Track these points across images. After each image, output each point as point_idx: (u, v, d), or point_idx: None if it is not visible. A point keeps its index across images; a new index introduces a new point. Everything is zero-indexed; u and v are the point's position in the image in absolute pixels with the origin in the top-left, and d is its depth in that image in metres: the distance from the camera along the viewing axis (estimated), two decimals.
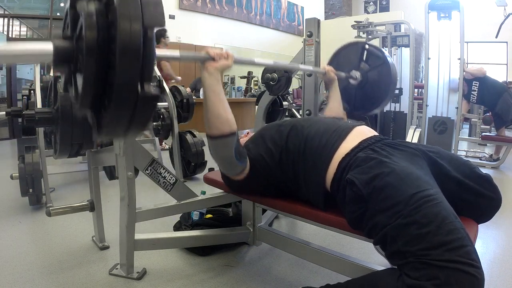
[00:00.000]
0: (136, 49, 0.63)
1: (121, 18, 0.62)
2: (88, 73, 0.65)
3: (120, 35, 0.62)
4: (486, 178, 1.08)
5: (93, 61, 0.64)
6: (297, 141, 1.17)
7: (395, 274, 0.84)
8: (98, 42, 0.64)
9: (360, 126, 1.21)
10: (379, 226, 0.89)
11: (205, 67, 1.06)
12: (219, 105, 1.07)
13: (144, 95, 0.67)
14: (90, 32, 0.63)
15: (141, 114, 0.70)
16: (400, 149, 1.07)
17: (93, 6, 0.66)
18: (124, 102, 0.66)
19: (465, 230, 0.82)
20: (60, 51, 0.68)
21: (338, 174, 1.05)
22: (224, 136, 1.08)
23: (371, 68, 1.88)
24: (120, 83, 0.64)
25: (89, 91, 0.67)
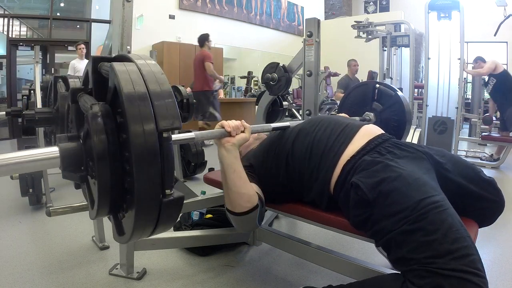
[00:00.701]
0: (152, 154, 0.57)
1: (132, 122, 0.56)
2: (102, 181, 0.59)
3: (133, 139, 0.56)
4: (490, 182, 1.07)
5: (106, 168, 0.59)
6: (303, 145, 1.15)
7: (399, 280, 0.83)
8: (109, 146, 0.59)
9: (368, 125, 1.19)
10: (384, 231, 0.88)
11: (221, 144, 1.01)
12: (240, 184, 1.03)
13: (167, 201, 0.61)
14: (99, 136, 0.58)
15: (166, 219, 0.64)
16: (407, 150, 1.05)
17: (98, 107, 0.61)
18: (146, 211, 0.60)
19: (471, 238, 0.82)
20: (68, 156, 0.62)
21: (342, 176, 1.04)
22: (248, 212, 1.04)
23: (384, 108, 1.84)
24: (140, 191, 0.58)
25: (106, 200, 0.62)
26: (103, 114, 0.60)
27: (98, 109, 0.61)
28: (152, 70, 0.63)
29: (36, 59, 2.59)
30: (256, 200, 1.05)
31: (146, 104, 0.58)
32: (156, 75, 0.63)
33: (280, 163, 1.17)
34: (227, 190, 1.05)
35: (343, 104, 2.00)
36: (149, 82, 0.61)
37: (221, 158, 1.03)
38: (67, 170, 0.64)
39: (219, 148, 1.02)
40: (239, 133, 1.03)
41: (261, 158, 1.22)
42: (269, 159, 1.19)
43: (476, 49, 9.50)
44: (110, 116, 0.61)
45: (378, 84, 1.92)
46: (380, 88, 1.89)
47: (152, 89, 0.60)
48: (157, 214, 0.62)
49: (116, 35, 1.38)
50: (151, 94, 0.59)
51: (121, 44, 1.37)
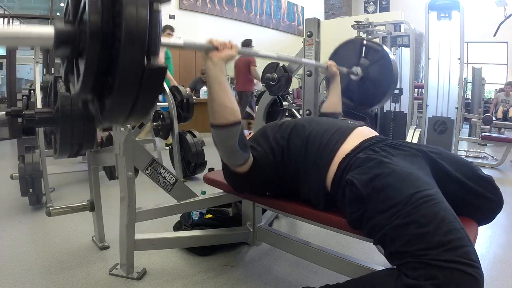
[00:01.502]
0: (142, 21, 0.61)
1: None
2: (92, 53, 0.63)
3: (126, 8, 0.60)
4: (487, 180, 1.07)
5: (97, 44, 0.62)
6: (298, 141, 1.17)
7: (394, 274, 0.84)
8: (102, 19, 0.62)
9: (361, 127, 1.21)
10: (378, 227, 0.89)
11: (209, 57, 1.05)
12: (224, 95, 1.07)
13: (150, 67, 0.64)
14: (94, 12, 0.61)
15: (148, 90, 0.67)
16: (401, 149, 1.07)
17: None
18: (130, 76, 0.64)
19: (465, 230, 0.82)
20: (62, 34, 0.66)
21: (338, 174, 1.05)
22: (230, 125, 1.07)
23: (371, 63, 1.89)
24: (126, 56, 0.62)
25: (92, 71, 0.65)
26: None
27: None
28: None
29: (36, 59, 2.59)
30: (239, 115, 1.09)
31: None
32: None
33: (276, 154, 1.19)
34: (211, 102, 1.08)
35: (331, 59, 2.02)
36: None
37: (207, 71, 1.07)
38: (59, 48, 0.67)
39: (206, 61, 1.06)
40: (226, 50, 1.06)
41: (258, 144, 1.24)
42: (267, 148, 1.21)
43: (476, 49, 9.53)
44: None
45: (366, 40, 1.99)
46: (368, 44, 1.95)
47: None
48: (140, 81, 0.65)
49: None
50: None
51: None
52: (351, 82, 1.95)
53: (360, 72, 1.89)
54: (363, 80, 1.92)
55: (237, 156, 1.14)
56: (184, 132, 3.01)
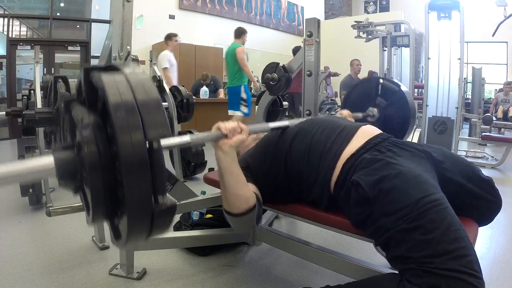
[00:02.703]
0: (141, 164, 0.58)
1: (120, 133, 0.57)
2: (95, 191, 0.60)
3: (122, 151, 0.56)
4: (488, 182, 1.07)
5: (98, 178, 0.59)
6: (301, 145, 1.14)
7: (396, 279, 0.84)
8: (100, 158, 0.59)
9: (366, 126, 1.19)
10: (383, 229, 0.88)
11: (218, 146, 0.99)
12: (237, 186, 1.02)
13: (159, 210, 0.61)
14: (89, 147, 0.59)
15: (159, 225, 0.64)
16: (406, 149, 1.05)
17: (87, 116, 0.62)
18: (138, 220, 0.61)
19: (469, 238, 0.82)
20: (62, 166, 0.63)
21: (343, 175, 1.04)
22: (244, 214, 1.03)
23: (388, 104, 1.81)
24: (131, 202, 0.58)
25: (99, 208, 0.63)
26: (93, 126, 0.61)
27: (88, 121, 0.61)
28: (140, 79, 0.64)
29: (36, 59, 2.59)
30: (253, 201, 1.05)
31: (134, 114, 0.59)
32: (144, 84, 0.63)
33: (278, 163, 1.17)
34: (224, 191, 1.04)
35: (346, 100, 1.99)
36: (136, 92, 0.61)
37: (218, 161, 1.02)
38: (62, 179, 0.64)
39: (216, 151, 1.01)
40: (236, 135, 1.01)
41: (259, 159, 1.21)
42: (267, 160, 1.19)
43: (476, 49, 9.53)
44: (100, 128, 0.61)
45: (382, 79, 1.90)
46: (384, 83, 1.87)
47: (139, 99, 0.60)
48: (150, 221, 0.62)
49: (116, 35, 1.38)
50: (138, 104, 0.60)
51: (121, 44, 1.37)
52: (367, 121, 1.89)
53: (376, 113, 1.82)
54: (379, 121, 1.83)
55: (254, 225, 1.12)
56: (184, 132, 3.01)
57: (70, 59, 7.10)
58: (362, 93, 1.93)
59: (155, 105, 0.61)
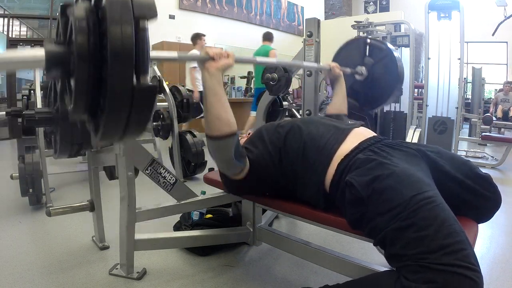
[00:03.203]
0: (128, 40, 0.60)
1: (110, 11, 0.60)
2: (80, 77, 0.63)
3: (110, 28, 0.59)
4: (486, 178, 1.07)
5: (85, 65, 0.62)
6: (295, 143, 1.16)
7: (393, 276, 0.84)
8: (89, 40, 0.62)
9: (359, 128, 1.21)
10: (378, 228, 0.89)
11: (205, 67, 1.03)
12: (220, 107, 1.04)
13: (140, 88, 0.64)
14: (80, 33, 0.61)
15: (140, 109, 0.67)
16: (399, 149, 1.06)
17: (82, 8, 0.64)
18: (120, 97, 0.63)
19: (464, 233, 0.82)
20: (52, 56, 0.66)
21: (337, 175, 1.05)
22: (224, 137, 1.05)
23: (375, 62, 1.84)
24: (114, 76, 0.61)
25: (82, 92, 0.65)
26: (86, 11, 0.64)
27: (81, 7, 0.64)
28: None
29: None
30: (235, 127, 1.06)
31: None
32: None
33: (273, 156, 1.18)
34: (206, 113, 1.06)
35: (335, 60, 2.00)
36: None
37: (203, 82, 1.05)
38: (50, 71, 0.67)
39: (203, 72, 1.04)
40: (223, 59, 1.03)
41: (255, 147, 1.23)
42: (264, 150, 1.20)
43: (476, 49, 9.53)
44: (92, 12, 0.64)
45: (369, 39, 1.94)
46: (372, 42, 1.91)
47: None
48: (131, 101, 0.64)
49: None
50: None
51: None
52: (356, 82, 1.93)
53: (364, 72, 1.85)
54: (368, 80, 1.87)
55: (232, 165, 1.14)
56: (184, 132, 3.01)
57: None
58: (350, 53, 1.96)
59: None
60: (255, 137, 1.29)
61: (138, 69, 0.64)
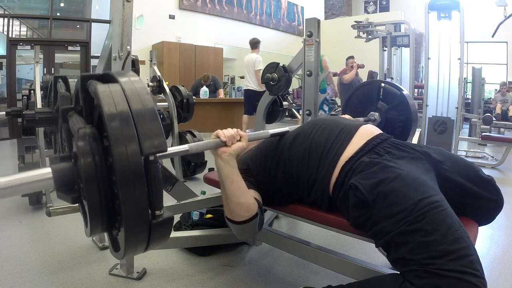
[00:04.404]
0: (137, 177, 0.57)
1: (116, 144, 0.56)
2: (91, 203, 0.60)
3: (117, 163, 0.56)
4: (489, 181, 1.07)
5: (95, 190, 0.59)
6: (300, 149, 1.14)
7: (397, 280, 0.84)
8: (96, 170, 0.59)
9: (366, 125, 1.19)
10: (383, 232, 0.88)
11: (218, 154, 0.99)
12: (239, 193, 1.02)
13: (156, 223, 0.62)
14: (85, 159, 0.59)
15: (157, 237, 0.64)
16: (405, 151, 1.05)
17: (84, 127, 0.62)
18: (135, 232, 0.61)
19: (469, 239, 0.82)
20: (60, 177, 0.63)
21: (341, 178, 1.03)
22: (246, 221, 1.03)
23: (389, 108, 1.80)
24: (127, 214, 0.58)
25: (96, 220, 0.62)
26: (89, 137, 0.61)
27: (84, 132, 0.61)
28: (135, 88, 0.63)
29: (36, 59, 2.59)
30: (255, 208, 1.04)
31: (129, 125, 0.58)
32: (139, 94, 0.62)
33: (277, 167, 1.16)
34: (226, 199, 1.04)
35: (347, 103, 1.98)
36: (132, 102, 0.60)
37: (218, 169, 1.01)
38: (60, 190, 0.64)
39: (216, 159, 1.01)
40: (235, 142, 1.00)
41: (258, 161, 1.21)
42: (267, 163, 1.19)
43: (476, 49, 9.53)
44: (96, 139, 0.61)
45: (383, 83, 1.89)
46: (385, 87, 1.85)
47: (135, 109, 0.59)
48: (147, 234, 0.62)
49: (116, 35, 1.38)
50: (134, 115, 0.59)
51: (121, 44, 1.37)
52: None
53: (377, 118, 1.80)
54: (382, 125, 1.81)
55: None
56: (184, 132, 3.01)
57: (70, 59, 7.11)
58: (363, 96, 1.91)
59: (151, 115, 0.60)
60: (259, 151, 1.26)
61: (152, 206, 0.61)
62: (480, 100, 6.09)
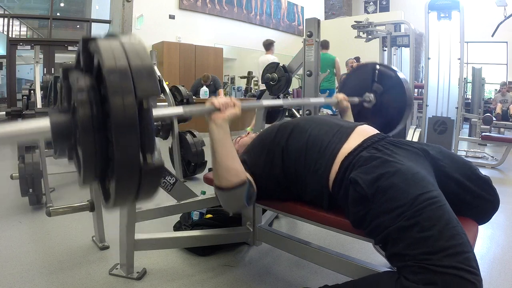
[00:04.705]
0: (131, 123, 0.60)
1: (112, 93, 0.59)
2: (86, 150, 0.63)
3: (113, 110, 0.59)
4: (486, 180, 1.08)
5: (90, 138, 0.62)
6: (298, 143, 1.15)
7: (393, 276, 0.84)
8: (93, 119, 0.62)
9: (363, 125, 1.20)
10: (382, 227, 0.88)
11: (212, 119, 1.01)
12: (228, 158, 1.03)
13: (147, 169, 0.64)
14: (83, 109, 0.61)
15: (147, 185, 0.67)
16: (403, 148, 1.06)
17: (83, 80, 0.65)
18: (127, 178, 0.64)
19: (466, 235, 0.82)
20: (57, 127, 0.66)
21: (341, 173, 1.04)
22: (235, 187, 1.03)
23: (384, 90, 1.81)
24: (120, 159, 0.61)
25: (90, 167, 0.65)
26: (88, 87, 0.64)
27: (83, 83, 0.64)
28: (134, 45, 0.66)
29: (36, 59, 2.59)
30: (244, 176, 1.05)
31: (127, 78, 0.61)
32: (138, 51, 0.65)
33: (275, 159, 1.17)
34: (215, 165, 1.04)
35: (343, 86, 1.99)
36: (131, 58, 0.63)
37: (211, 133, 1.03)
38: (57, 141, 0.67)
39: (210, 124, 1.02)
40: (229, 109, 1.03)
41: (256, 154, 1.21)
42: (263, 155, 1.19)
43: (476, 49, 9.53)
44: (94, 89, 0.64)
45: (379, 65, 1.90)
46: (381, 69, 1.87)
47: (133, 65, 0.63)
48: (138, 180, 0.65)
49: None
50: (132, 69, 0.62)
51: None
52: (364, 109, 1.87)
53: (373, 99, 1.82)
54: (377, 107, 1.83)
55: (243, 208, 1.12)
56: (184, 132, 3.01)
57: (70, 59, 7.10)
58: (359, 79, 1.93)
59: (148, 71, 0.64)
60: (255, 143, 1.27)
61: (145, 149, 0.64)
62: (480, 100, 6.09)
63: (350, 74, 2.03)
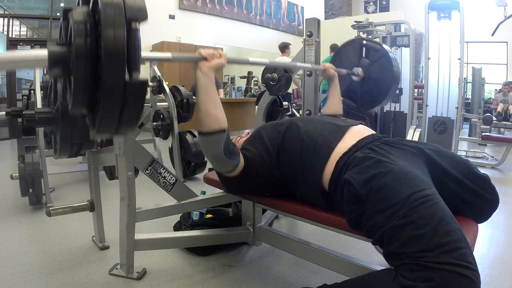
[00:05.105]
0: (120, 40, 0.67)
1: (105, 15, 0.66)
2: (77, 77, 0.69)
3: (105, 29, 0.66)
4: (484, 179, 1.08)
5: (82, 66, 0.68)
6: (294, 140, 1.17)
7: (391, 274, 0.84)
8: (86, 41, 0.68)
9: (358, 126, 1.21)
10: (376, 227, 0.89)
11: (198, 66, 1.07)
12: (210, 104, 1.08)
13: (132, 83, 0.70)
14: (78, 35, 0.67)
15: (132, 103, 0.72)
16: (398, 147, 1.07)
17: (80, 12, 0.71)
18: (113, 92, 0.69)
19: (462, 232, 0.82)
20: (54, 56, 0.72)
21: (336, 173, 1.05)
22: (213, 133, 1.08)
23: (372, 63, 1.88)
24: (108, 73, 0.67)
25: (80, 88, 0.71)
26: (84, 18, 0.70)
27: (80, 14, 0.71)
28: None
29: None
30: (224, 124, 1.10)
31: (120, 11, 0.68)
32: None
33: (272, 154, 1.19)
34: (198, 111, 1.11)
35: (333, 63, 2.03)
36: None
37: (196, 79, 1.08)
38: (53, 69, 0.73)
39: (196, 71, 1.08)
40: (215, 59, 1.09)
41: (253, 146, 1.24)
42: (262, 149, 1.21)
43: (476, 49, 9.53)
44: (90, 22, 0.70)
45: (365, 40, 1.98)
46: (367, 43, 1.95)
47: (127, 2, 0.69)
48: (123, 95, 0.70)
49: None
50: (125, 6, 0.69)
51: None
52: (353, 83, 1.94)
53: (361, 73, 1.88)
54: (365, 81, 1.91)
55: (223, 162, 1.16)
56: (184, 132, 3.01)
57: None
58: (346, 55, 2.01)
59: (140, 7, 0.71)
60: (253, 137, 1.29)
61: (130, 66, 0.70)
62: (480, 100, 6.09)
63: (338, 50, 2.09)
